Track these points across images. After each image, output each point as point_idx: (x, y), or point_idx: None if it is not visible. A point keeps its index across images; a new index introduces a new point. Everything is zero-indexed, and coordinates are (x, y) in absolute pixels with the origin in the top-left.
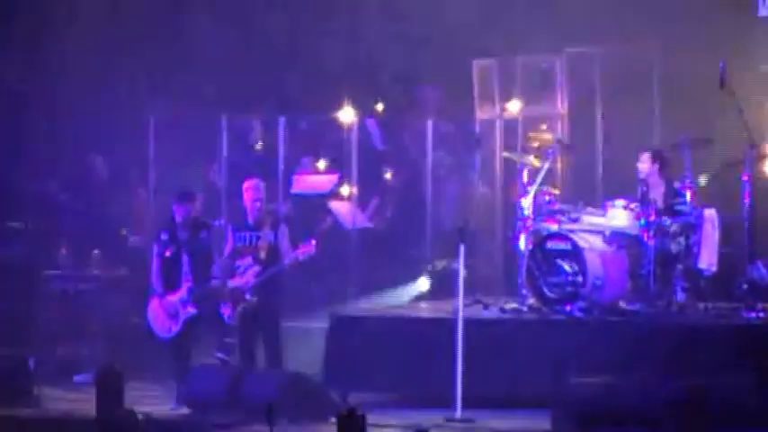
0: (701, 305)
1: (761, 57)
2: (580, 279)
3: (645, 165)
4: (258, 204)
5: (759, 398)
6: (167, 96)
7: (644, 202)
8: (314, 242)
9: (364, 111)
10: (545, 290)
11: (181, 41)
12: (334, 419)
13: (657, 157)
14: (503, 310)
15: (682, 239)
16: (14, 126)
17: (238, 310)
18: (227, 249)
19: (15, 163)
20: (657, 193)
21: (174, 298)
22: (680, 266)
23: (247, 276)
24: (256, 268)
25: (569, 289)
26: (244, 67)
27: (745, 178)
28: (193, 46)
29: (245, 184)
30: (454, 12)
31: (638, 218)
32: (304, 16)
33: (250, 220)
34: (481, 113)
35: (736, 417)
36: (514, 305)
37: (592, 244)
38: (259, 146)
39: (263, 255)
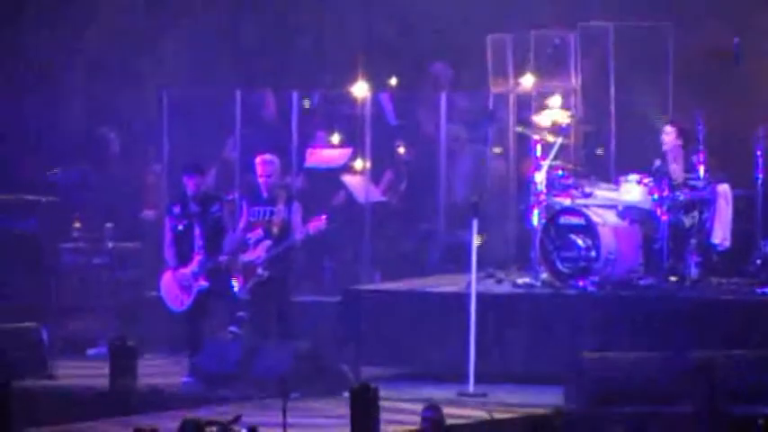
0: (714, 280)
1: None
2: (593, 254)
3: (670, 137)
4: (270, 179)
5: None
6: (181, 71)
7: (657, 176)
8: (324, 217)
9: (378, 85)
10: (558, 264)
11: (195, 16)
12: (346, 394)
13: (682, 133)
14: (515, 285)
15: (695, 214)
16: (29, 101)
17: (250, 284)
18: (242, 223)
19: (28, 138)
20: (677, 168)
21: (186, 271)
22: (693, 241)
23: (259, 250)
24: (268, 242)
25: (582, 264)
26: (258, 41)
27: (759, 154)
28: (207, 20)
29: (257, 159)
30: None
31: (651, 193)
32: None
33: (264, 194)
34: (495, 88)
35: (749, 392)
36: (527, 280)
37: (605, 219)
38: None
39: (275, 230)
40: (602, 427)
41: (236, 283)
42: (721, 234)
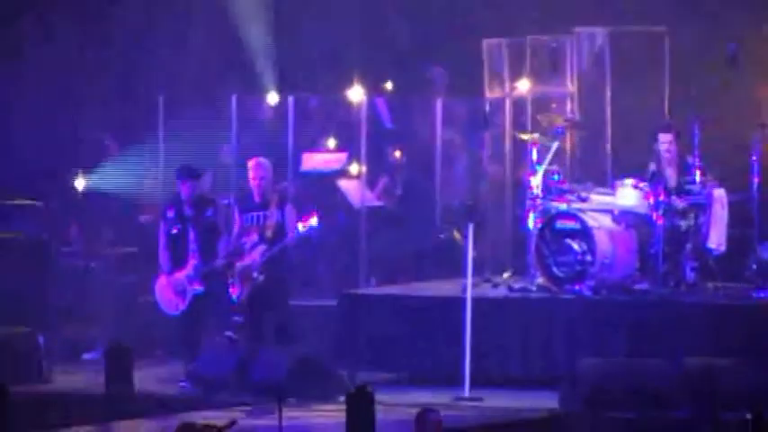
0: (710, 285)
1: None
2: (589, 258)
3: (666, 143)
4: (263, 183)
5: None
6: (177, 76)
7: (653, 181)
8: (315, 213)
9: (373, 90)
10: (554, 269)
11: (190, 20)
12: (342, 398)
13: (678, 138)
14: (511, 289)
15: (691, 219)
16: (26, 105)
17: (247, 289)
18: (235, 230)
19: (28, 141)
20: (672, 173)
21: (180, 275)
22: (689, 246)
23: (254, 255)
24: (262, 247)
25: (578, 268)
26: (254, 45)
27: (755, 158)
28: (203, 24)
29: (250, 163)
30: None
31: (647, 197)
32: None
33: (256, 198)
34: (490, 92)
35: (745, 397)
36: (523, 284)
37: (601, 223)
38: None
39: (269, 233)
40: (598, 431)
41: (233, 291)
42: (717, 238)
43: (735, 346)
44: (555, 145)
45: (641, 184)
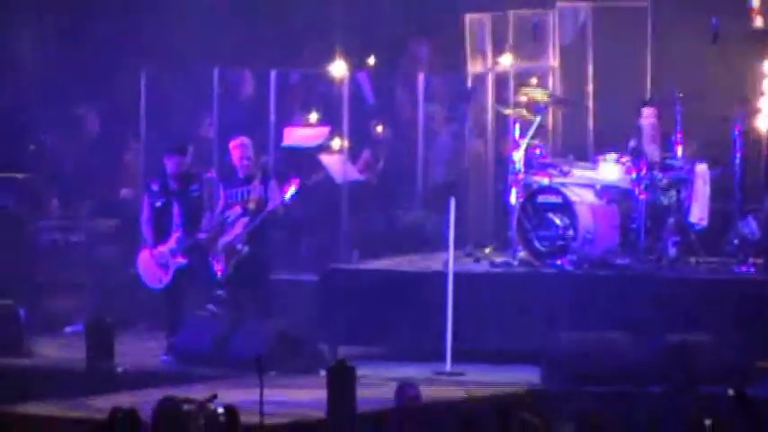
0: (692, 259)
1: (753, 12)
2: (571, 233)
3: (648, 117)
4: (246, 162)
5: (747, 352)
6: (158, 49)
7: (635, 155)
8: (296, 180)
9: (355, 64)
10: (535, 243)
11: None
12: (323, 372)
13: (660, 112)
14: (493, 264)
15: (673, 194)
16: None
17: (231, 262)
18: (219, 205)
19: (6, 115)
20: (654, 148)
21: (164, 248)
22: (671, 221)
23: (237, 228)
24: (245, 219)
25: (560, 243)
26: (235, 20)
27: (737, 133)
28: None
29: (232, 143)
30: None
31: (629, 172)
32: None
33: (240, 174)
34: (472, 67)
35: (724, 371)
36: (505, 259)
37: (583, 198)
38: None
39: (252, 206)
40: (578, 405)
41: (217, 267)
42: (699, 213)
43: (716, 321)
44: (537, 120)
45: (623, 159)
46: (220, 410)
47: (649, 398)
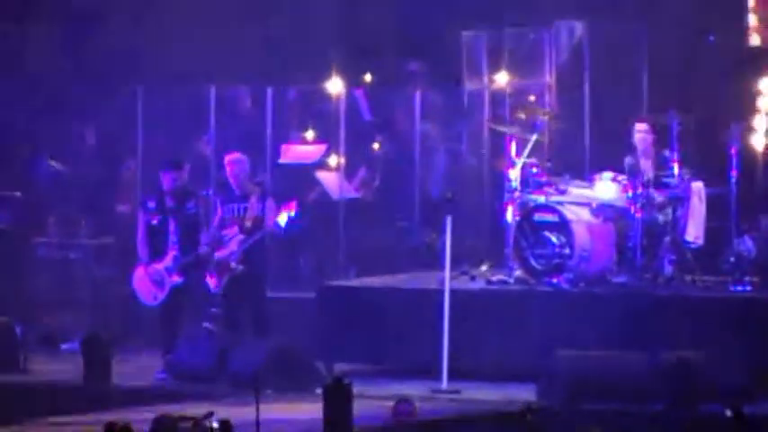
0: (688, 278)
1: (749, 30)
2: (567, 251)
3: (642, 134)
4: (239, 178)
5: (745, 371)
6: (156, 66)
7: (631, 174)
8: (295, 202)
9: (352, 81)
10: (532, 261)
11: (170, 10)
12: (320, 390)
13: (654, 129)
14: (489, 282)
15: (669, 212)
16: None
17: (225, 280)
18: (216, 220)
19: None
20: (648, 165)
21: (159, 266)
22: (667, 239)
23: (232, 245)
24: (241, 237)
25: (556, 261)
26: (232, 37)
27: (733, 152)
28: (182, 15)
29: (226, 159)
30: None
31: (625, 190)
32: None
33: (237, 191)
34: (469, 85)
35: (722, 390)
36: (501, 277)
37: (579, 216)
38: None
39: (248, 224)
40: (575, 423)
41: (211, 282)
42: (695, 232)
43: (712, 340)
44: (533, 138)
45: (620, 177)
46: (215, 425)
47: (647, 416)
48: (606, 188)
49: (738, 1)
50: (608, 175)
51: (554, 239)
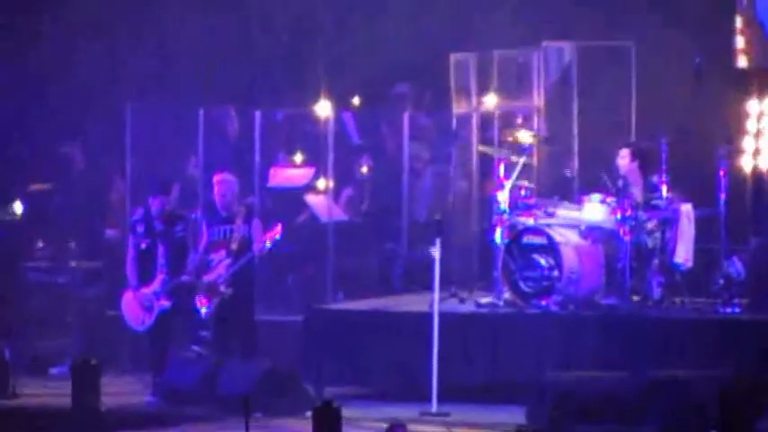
0: (677, 300)
1: (737, 52)
2: (556, 273)
3: (624, 161)
4: (225, 198)
5: (734, 392)
6: (144, 88)
7: (620, 196)
8: (279, 226)
9: (340, 104)
10: (521, 284)
11: (158, 32)
12: (309, 413)
13: (637, 154)
14: (478, 305)
15: (658, 234)
16: None
17: (214, 303)
18: (202, 244)
19: None
20: (636, 190)
21: (148, 290)
22: (656, 261)
23: (220, 269)
24: (228, 261)
25: (545, 283)
26: (221, 59)
27: (722, 173)
28: (171, 37)
29: (215, 178)
30: (432, 5)
31: (614, 212)
32: (282, 10)
33: (222, 213)
34: (457, 107)
35: (711, 409)
36: (490, 299)
37: (568, 238)
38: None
39: (235, 246)
40: None
41: (201, 306)
42: (684, 254)
43: (702, 361)
44: (522, 160)
45: (608, 200)
46: None
47: None
48: (595, 210)
49: (726, 23)
50: (596, 197)
51: (543, 262)
